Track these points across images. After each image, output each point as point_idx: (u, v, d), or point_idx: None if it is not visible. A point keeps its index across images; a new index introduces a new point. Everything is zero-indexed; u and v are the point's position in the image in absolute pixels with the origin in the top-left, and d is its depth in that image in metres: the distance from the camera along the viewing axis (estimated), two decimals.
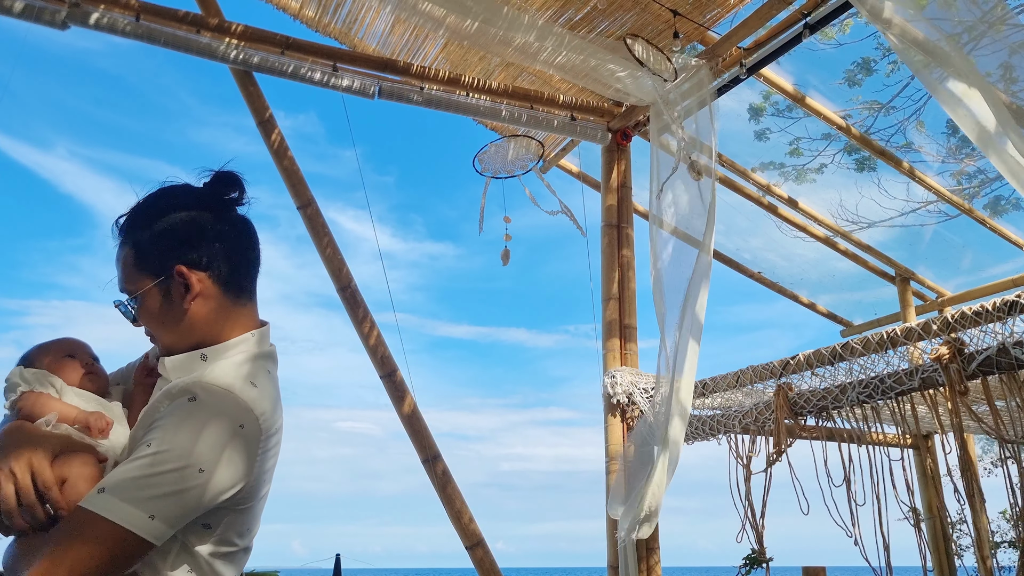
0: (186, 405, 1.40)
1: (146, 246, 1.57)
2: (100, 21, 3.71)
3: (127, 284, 1.58)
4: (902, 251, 6.67)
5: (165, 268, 1.56)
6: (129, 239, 1.58)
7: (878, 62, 5.31)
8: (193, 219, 1.59)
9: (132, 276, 1.57)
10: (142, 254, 1.57)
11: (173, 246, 1.57)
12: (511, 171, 4.64)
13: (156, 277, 1.55)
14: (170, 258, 1.56)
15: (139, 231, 1.58)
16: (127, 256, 1.58)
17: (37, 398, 1.55)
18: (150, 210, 1.60)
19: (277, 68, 4.05)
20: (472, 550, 4.57)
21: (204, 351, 1.56)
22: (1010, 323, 2.72)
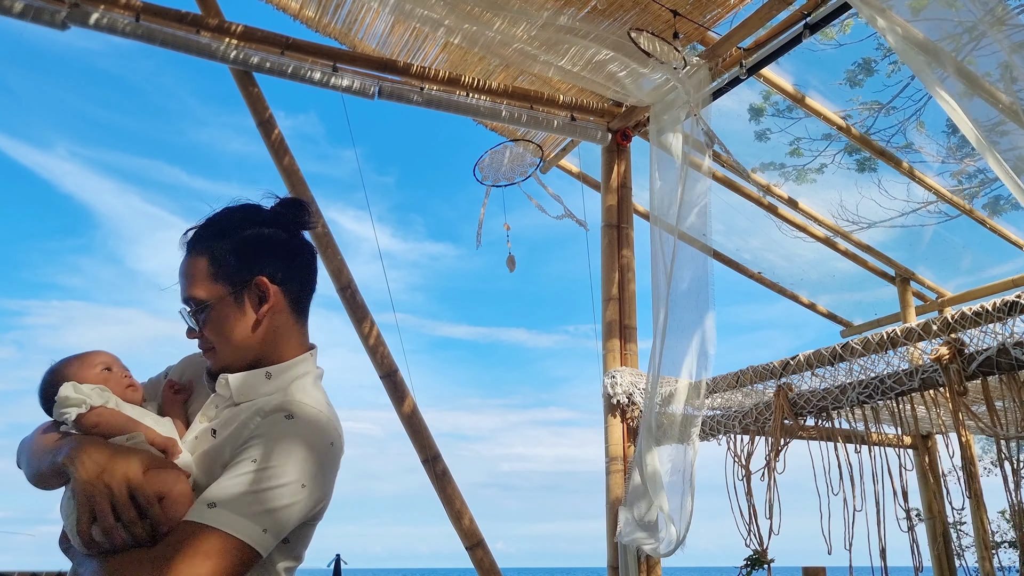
0: (284, 422, 1.45)
1: (224, 256, 1.59)
2: (100, 21, 3.71)
3: (197, 291, 1.58)
4: (902, 251, 6.68)
5: (242, 278, 1.58)
6: (204, 248, 1.60)
7: (879, 62, 5.31)
8: (271, 235, 1.63)
9: (205, 284, 1.58)
10: (219, 263, 1.58)
11: (252, 258, 1.60)
12: (511, 178, 4.64)
13: (232, 286, 1.58)
14: (248, 269, 1.59)
15: (216, 241, 1.60)
16: (200, 265, 1.59)
17: (111, 414, 1.51)
18: (228, 222, 1.62)
19: (277, 68, 4.05)
20: (472, 550, 4.57)
21: (269, 370, 1.59)
22: (1010, 323, 2.72)
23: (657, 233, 4.03)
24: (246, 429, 1.46)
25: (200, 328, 1.59)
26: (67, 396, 1.51)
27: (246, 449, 1.42)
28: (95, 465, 1.36)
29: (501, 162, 4.69)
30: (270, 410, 1.48)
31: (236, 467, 1.40)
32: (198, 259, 1.59)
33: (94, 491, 1.33)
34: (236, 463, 1.41)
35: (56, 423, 1.54)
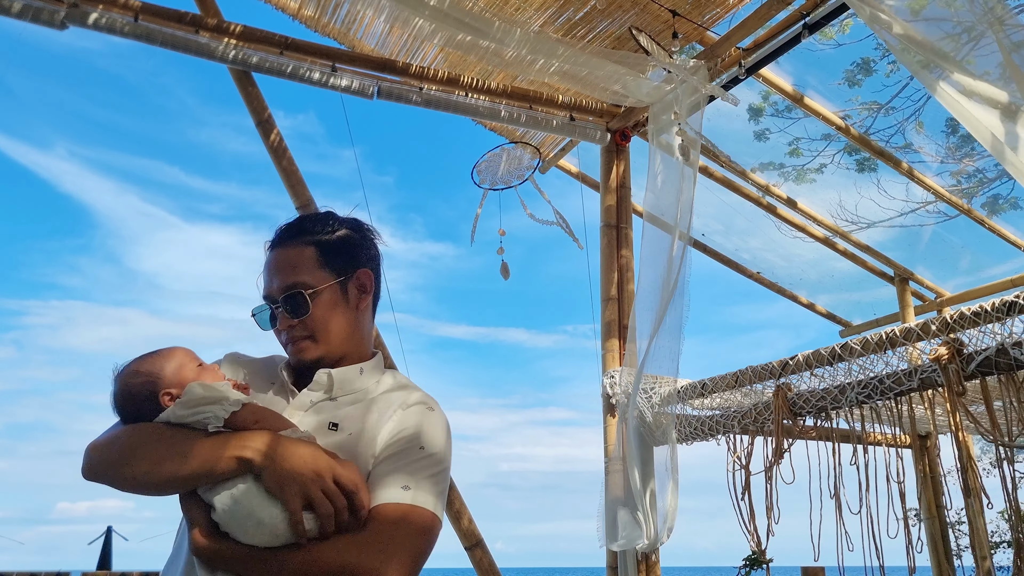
0: (429, 414, 1.61)
1: (332, 247, 1.71)
2: (99, 21, 3.70)
3: (304, 277, 1.65)
4: (901, 251, 6.68)
5: (347, 269, 1.72)
6: (310, 239, 1.70)
7: (878, 62, 5.31)
8: (367, 237, 1.79)
9: (313, 271, 1.67)
10: (327, 252, 1.70)
11: (356, 252, 1.75)
12: (508, 182, 4.64)
13: (338, 276, 1.70)
14: (353, 262, 1.73)
15: (323, 234, 1.71)
16: (307, 254, 1.68)
17: (263, 409, 1.54)
18: (330, 220, 1.75)
19: (276, 68, 4.04)
20: (471, 551, 4.57)
21: (361, 366, 1.70)
22: (1009, 324, 2.72)
23: (652, 232, 4.02)
24: (390, 421, 1.57)
25: (306, 314, 1.64)
26: (202, 395, 1.50)
27: (407, 438, 1.55)
28: (299, 458, 1.42)
29: (499, 165, 4.69)
30: (412, 404, 1.62)
31: (406, 454, 1.52)
32: (304, 248, 1.69)
33: (307, 481, 1.39)
34: (403, 451, 1.53)
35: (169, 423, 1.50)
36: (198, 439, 1.45)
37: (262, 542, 1.38)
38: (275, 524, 1.38)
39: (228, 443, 1.43)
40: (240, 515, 1.39)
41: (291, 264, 1.67)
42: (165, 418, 1.50)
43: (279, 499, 1.39)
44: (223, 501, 1.41)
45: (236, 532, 1.40)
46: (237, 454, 1.42)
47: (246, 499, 1.40)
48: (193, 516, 1.44)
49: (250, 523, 1.38)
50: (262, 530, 1.38)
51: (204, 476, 1.42)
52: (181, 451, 1.44)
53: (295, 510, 1.38)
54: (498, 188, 4.65)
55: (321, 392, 1.63)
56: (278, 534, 1.38)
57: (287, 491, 1.38)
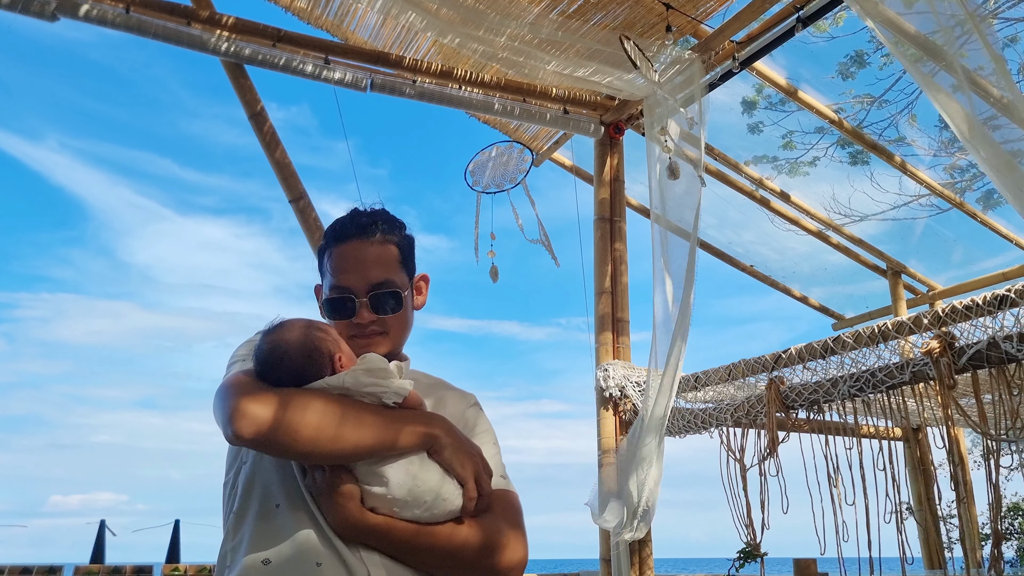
0: (481, 412, 1.75)
1: (407, 249, 1.75)
2: (90, 13, 3.68)
3: (395, 276, 1.69)
4: (894, 245, 6.70)
5: (413, 273, 1.77)
6: (393, 239, 1.72)
7: (871, 55, 5.32)
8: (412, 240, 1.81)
9: (400, 272, 1.71)
10: (405, 255, 1.74)
11: (413, 256, 1.79)
12: (501, 184, 4.64)
13: (410, 278, 1.75)
14: (414, 265, 1.79)
15: (398, 235, 1.74)
16: (394, 253, 1.71)
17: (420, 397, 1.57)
18: (396, 222, 1.76)
19: (268, 60, 4.02)
20: None
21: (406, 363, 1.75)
22: (1000, 317, 2.73)
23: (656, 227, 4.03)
24: (463, 416, 1.69)
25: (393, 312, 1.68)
26: (384, 368, 1.49)
27: (482, 433, 1.67)
28: (469, 441, 1.54)
29: (493, 165, 4.68)
30: (472, 403, 1.75)
31: (486, 448, 1.62)
32: (390, 247, 1.71)
33: (477, 462, 1.49)
34: (484, 444, 1.62)
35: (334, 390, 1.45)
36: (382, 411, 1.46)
37: (432, 517, 1.42)
38: (452, 499, 1.43)
39: (415, 418, 1.48)
40: (419, 489, 1.41)
41: (381, 261, 1.68)
42: (340, 381, 1.45)
43: (457, 475, 1.45)
44: (400, 476, 1.40)
45: (406, 507, 1.40)
46: (425, 429, 1.45)
47: (427, 473, 1.43)
48: (347, 490, 1.40)
49: (429, 496, 1.41)
50: (439, 505, 1.42)
51: (386, 447, 1.41)
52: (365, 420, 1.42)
53: (472, 487, 1.46)
54: (491, 192, 4.65)
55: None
56: (452, 509, 1.43)
57: (466, 469, 1.46)
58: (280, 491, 1.46)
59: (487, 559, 1.47)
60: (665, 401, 3.70)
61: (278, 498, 1.46)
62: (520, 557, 1.52)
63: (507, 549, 1.49)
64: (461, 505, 1.44)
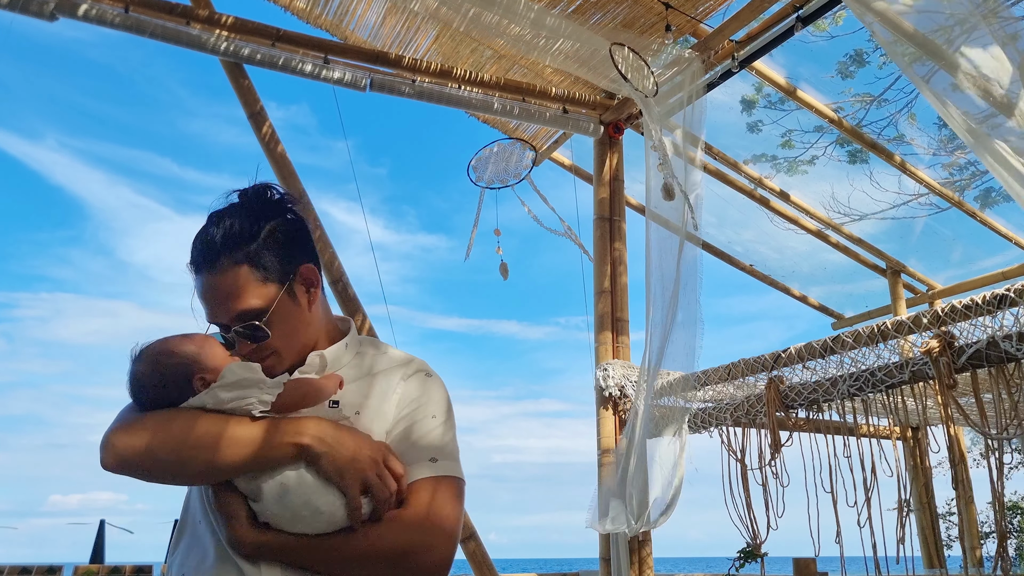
0: (428, 380, 1.61)
1: (263, 257, 1.54)
2: (88, 13, 3.68)
3: (252, 301, 1.51)
4: (893, 244, 6.71)
5: (288, 272, 1.57)
6: (239, 257, 1.52)
7: (870, 54, 5.32)
8: (287, 223, 1.61)
9: (257, 292, 1.52)
10: (262, 265, 1.53)
11: (286, 249, 1.58)
12: (504, 180, 4.63)
13: (281, 284, 1.55)
14: (289, 260, 1.57)
15: (246, 246, 1.53)
16: (243, 274, 1.51)
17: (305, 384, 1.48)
18: (244, 225, 1.55)
19: (268, 60, 4.02)
20: (464, 543, 4.58)
21: (345, 341, 1.65)
22: (999, 317, 2.73)
23: (652, 226, 4.03)
24: (394, 394, 1.56)
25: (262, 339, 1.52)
26: (244, 377, 1.42)
27: (418, 409, 1.55)
28: (355, 443, 1.40)
29: (494, 161, 4.68)
30: (412, 373, 1.61)
31: (422, 425, 1.53)
32: (238, 270, 1.51)
33: (364, 466, 1.38)
34: (418, 422, 1.53)
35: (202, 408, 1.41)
36: (249, 424, 1.39)
37: (316, 530, 1.36)
38: (333, 511, 1.35)
39: (283, 428, 1.39)
40: (294, 504, 1.35)
41: (228, 291, 1.51)
42: (201, 402, 1.41)
43: (337, 485, 1.36)
44: (272, 491, 1.35)
45: (286, 522, 1.36)
46: (294, 440, 1.37)
47: (301, 487, 1.35)
48: (230, 508, 1.38)
49: (306, 511, 1.35)
50: (319, 518, 1.35)
51: (255, 463, 1.36)
52: (229, 437, 1.37)
53: (355, 496, 1.36)
54: (495, 187, 4.64)
55: (314, 373, 1.58)
56: (335, 521, 1.36)
57: (347, 477, 1.36)
58: (199, 507, 1.48)
59: (397, 566, 1.38)
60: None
61: (198, 514, 1.49)
62: (438, 559, 1.40)
63: (421, 552, 1.39)
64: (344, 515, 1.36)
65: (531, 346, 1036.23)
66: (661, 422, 3.91)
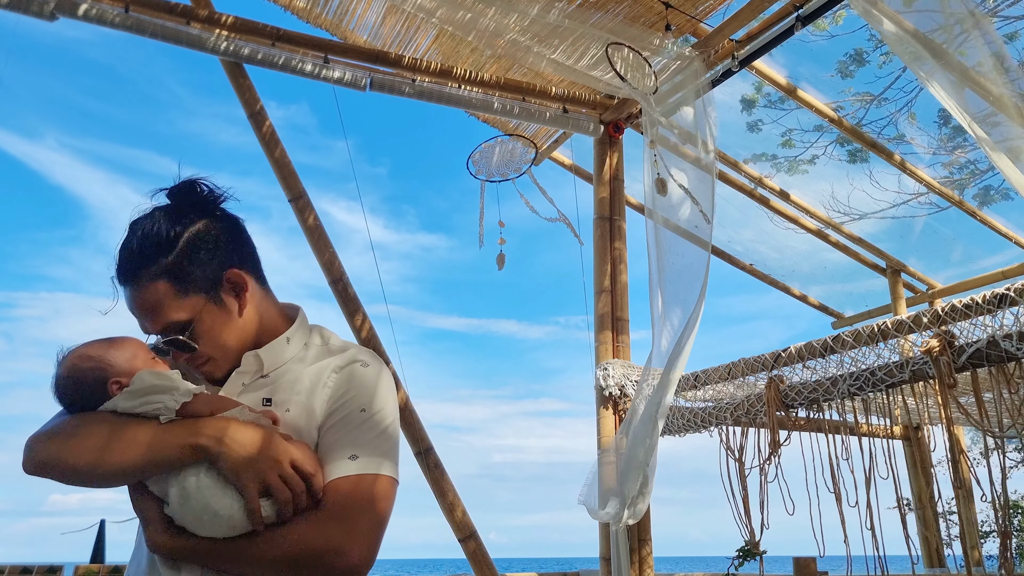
0: (364, 371, 1.55)
1: (184, 269, 1.50)
2: (88, 12, 3.67)
3: (175, 315, 1.49)
4: (893, 243, 6.71)
5: (213, 279, 1.53)
6: (156, 271, 1.49)
7: (870, 53, 5.31)
8: (209, 226, 1.56)
9: (180, 305, 1.50)
10: (183, 277, 1.50)
11: (209, 256, 1.54)
12: (504, 173, 4.63)
13: (207, 294, 1.52)
14: (212, 268, 1.54)
15: (163, 258, 1.50)
16: (162, 288, 1.49)
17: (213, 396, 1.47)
18: (161, 236, 1.52)
19: (268, 60, 4.02)
20: (465, 543, 4.58)
21: (286, 335, 1.61)
22: (1000, 316, 2.73)
23: (651, 225, 4.03)
24: (325, 388, 1.52)
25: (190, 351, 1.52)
26: (152, 384, 1.41)
27: (346, 403, 1.50)
28: (254, 443, 1.37)
29: (494, 156, 4.67)
30: (344, 364, 1.55)
31: (349, 420, 1.48)
32: (156, 284, 1.49)
33: (263, 467, 1.35)
34: (345, 417, 1.48)
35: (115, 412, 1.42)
36: (146, 427, 1.38)
37: (220, 534, 1.34)
38: (231, 515, 1.33)
39: (178, 430, 1.37)
40: (195, 508, 1.34)
41: (151, 307, 1.49)
42: (112, 407, 1.42)
43: (235, 486, 1.34)
44: (175, 495, 1.35)
45: (192, 526, 1.35)
46: (189, 441, 1.36)
47: (199, 491, 1.34)
48: (146, 513, 1.39)
49: (206, 516, 1.33)
50: (218, 522, 1.33)
51: (153, 465, 1.36)
52: (128, 440, 1.37)
53: (252, 498, 1.33)
54: (495, 180, 4.64)
55: (251, 373, 1.56)
56: (235, 525, 1.34)
57: (243, 478, 1.34)
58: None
59: (305, 569, 1.34)
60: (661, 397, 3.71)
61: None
62: (347, 563, 1.35)
63: (328, 555, 1.34)
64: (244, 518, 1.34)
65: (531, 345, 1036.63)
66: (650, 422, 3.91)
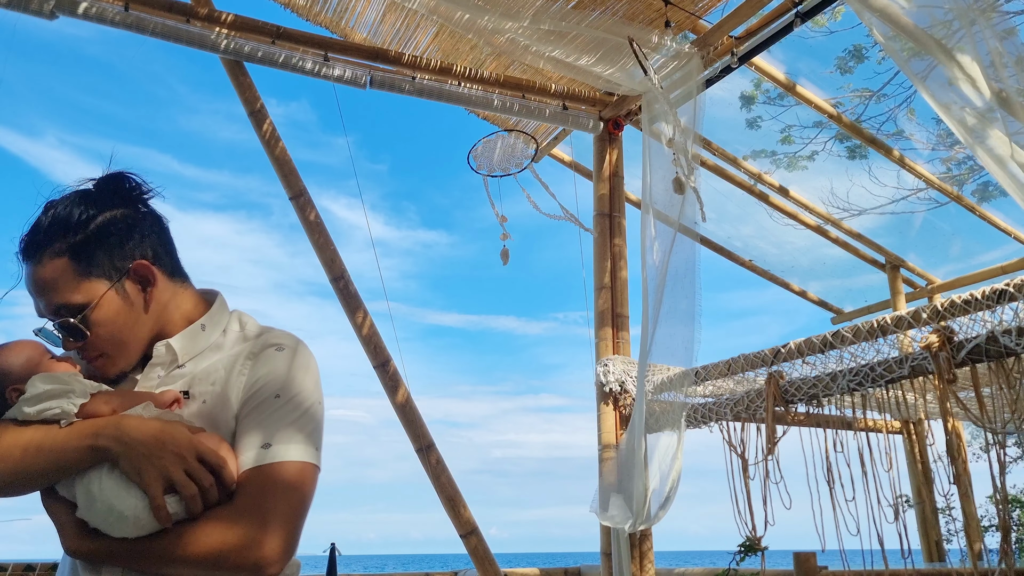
0: (278, 355, 1.49)
1: (89, 251, 1.45)
2: (88, 11, 3.68)
3: (71, 296, 1.43)
4: (892, 238, 6.72)
5: (117, 267, 1.48)
6: (59, 249, 1.44)
7: (869, 49, 5.32)
8: (125, 215, 1.51)
9: (78, 285, 1.44)
10: (87, 260, 1.45)
11: (120, 243, 1.49)
12: (505, 168, 4.64)
13: (109, 279, 1.46)
14: (121, 256, 1.48)
15: (70, 237, 1.45)
16: (61, 267, 1.44)
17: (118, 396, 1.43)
18: (74, 216, 1.46)
19: (268, 58, 4.03)
20: (466, 538, 4.60)
21: (201, 322, 1.55)
22: (999, 311, 2.74)
23: (649, 221, 4.04)
24: (240, 376, 1.47)
25: (82, 339, 1.45)
26: (46, 389, 1.37)
27: (260, 389, 1.45)
28: (156, 438, 1.32)
29: (495, 151, 4.68)
30: (258, 350, 1.50)
31: (263, 406, 1.43)
32: (56, 261, 1.44)
33: (166, 463, 1.30)
34: (259, 404, 1.43)
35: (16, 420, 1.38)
36: (44, 432, 1.34)
37: (130, 534, 1.30)
38: (137, 514, 1.29)
39: (77, 432, 1.33)
40: (100, 510, 1.30)
41: (48, 284, 1.44)
42: (13, 416, 1.38)
43: (137, 485, 1.29)
44: (80, 498, 1.32)
45: (102, 528, 1.31)
46: (88, 443, 1.32)
47: (102, 492, 1.30)
48: (58, 518, 1.35)
49: (111, 517, 1.30)
50: (124, 523, 1.29)
51: (56, 471, 1.33)
52: (25, 445, 1.33)
53: (155, 495, 1.29)
54: (496, 175, 4.65)
55: (167, 363, 1.51)
56: (142, 524, 1.30)
57: (145, 476, 1.29)
58: None
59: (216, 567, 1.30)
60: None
61: None
62: (259, 556, 1.30)
63: (238, 551, 1.30)
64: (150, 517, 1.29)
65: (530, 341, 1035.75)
66: (661, 418, 3.93)
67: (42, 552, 4.79)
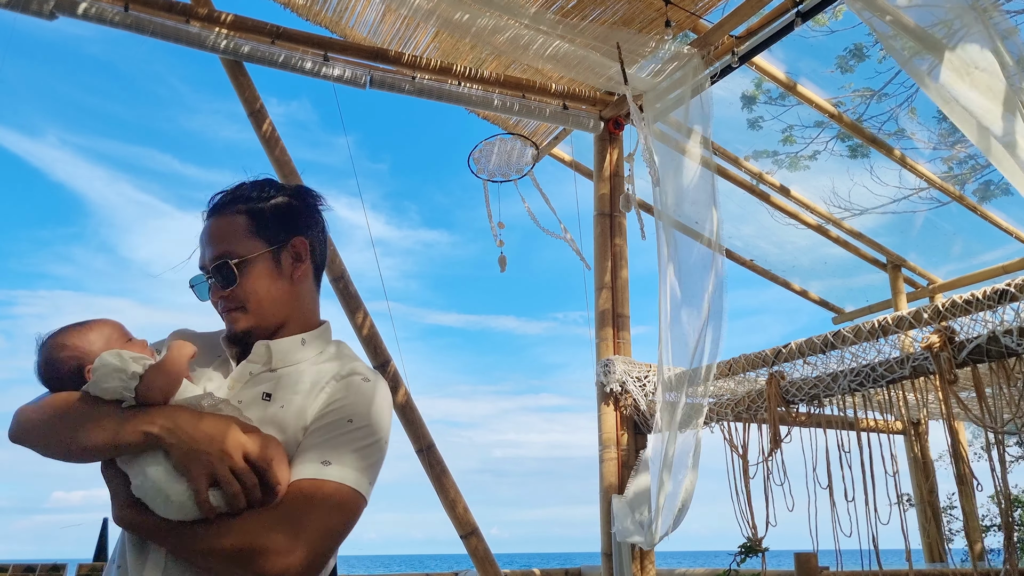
0: (363, 385, 1.57)
1: (264, 214, 1.65)
2: (88, 11, 3.67)
3: (236, 247, 1.61)
4: (893, 238, 6.71)
5: (281, 238, 1.66)
6: (241, 208, 1.65)
7: (870, 48, 5.31)
8: (305, 205, 1.73)
9: (245, 240, 1.63)
10: (260, 221, 1.65)
11: (291, 220, 1.68)
12: (506, 173, 4.64)
13: (270, 245, 1.64)
14: (287, 229, 1.67)
15: (255, 202, 1.66)
16: (239, 222, 1.64)
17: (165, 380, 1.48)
18: (266, 188, 1.70)
19: (267, 58, 4.02)
20: (466, 539, 4.59)
21: (303, 336, 1.66)
22: (1000, 311, 2.73)
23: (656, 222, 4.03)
24: (322, 392, 1.54)
25: (235, 284, 1.60)
26: (116, 365, 1.45)
27: (336, 410, 1.52)
28: (206, 434, 1.40)
29: (496, 154, 4.68)
30: (345, 374, 1.58)
31: (333, 427, 1.50)
32: (236, 217, 1.64)
33: (212, 459, 1.38)
34: (330, 424, 1.50)
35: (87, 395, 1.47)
36: (110, 411, 1.44)
37: (174, 516, 1.39)
38: (182, 501, 1.37)
39: (135, 417, 1.42)
40: (151, 490, 1.39)
41: (222, 234, 1.63)
42: (87, 390, 1.48)
43: (184, 476, 1.38)
44: (136, 475, 1.41)
45: (150, 505, 1.40)
46: (143, 428, 1.41)
47: (155, 474, 1.39)
48: (113, 487, 1.45)
49: (159, 498, 1.38)
50: (170, 506, 1.38)
51: (115, 448, 1.42)
52: (92, 422, 1.43)
53: (200, 488, 1.37)
54: (497, 180, 4.65)
55: (260, 364, 1.61)
56: (186, 510, 1.38)
57: (192, 469, 1.37)
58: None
59: (240, 565, 1.36)
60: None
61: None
62: (282, 565, 1.35)
63: (264, 555, 1.35)
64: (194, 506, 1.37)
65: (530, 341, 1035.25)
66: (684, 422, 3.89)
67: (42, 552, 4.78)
